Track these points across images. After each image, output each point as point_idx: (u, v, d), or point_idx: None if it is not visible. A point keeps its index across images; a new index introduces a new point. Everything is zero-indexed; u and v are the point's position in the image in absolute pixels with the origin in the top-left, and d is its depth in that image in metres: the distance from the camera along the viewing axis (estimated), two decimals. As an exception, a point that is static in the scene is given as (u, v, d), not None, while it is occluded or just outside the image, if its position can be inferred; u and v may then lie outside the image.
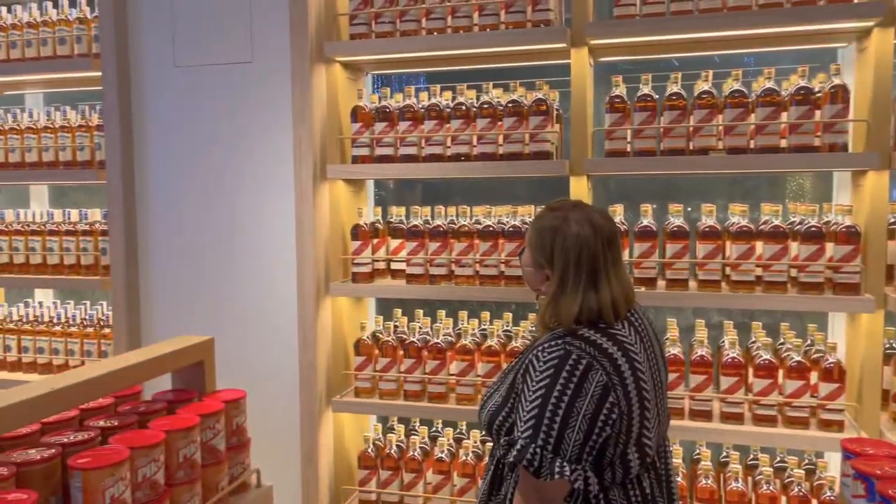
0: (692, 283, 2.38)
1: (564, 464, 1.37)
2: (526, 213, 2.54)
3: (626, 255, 2.38)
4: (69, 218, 3.11)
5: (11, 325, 3.16)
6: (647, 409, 1.46)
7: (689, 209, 2.61)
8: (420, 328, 2.65)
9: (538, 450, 1.38)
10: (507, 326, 2.64)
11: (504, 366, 2.48)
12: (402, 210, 2.70)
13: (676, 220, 2.37)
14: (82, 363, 3.03)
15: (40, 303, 3.29)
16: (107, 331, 3.05)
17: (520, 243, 2.46)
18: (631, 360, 1.45)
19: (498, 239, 2.50)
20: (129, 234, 2.91)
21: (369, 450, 2.67)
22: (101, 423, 1.38)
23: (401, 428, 2.70)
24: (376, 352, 2.65)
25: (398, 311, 2.74)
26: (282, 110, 2.68)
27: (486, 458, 2.51)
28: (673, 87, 2.36)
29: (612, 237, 1.53)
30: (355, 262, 2.67)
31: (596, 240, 1.50)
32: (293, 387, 2.71)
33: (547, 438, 1.38)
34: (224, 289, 2.83)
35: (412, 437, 2.65)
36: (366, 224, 2.69)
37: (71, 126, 3.00)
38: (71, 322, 3.11)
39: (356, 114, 2.62)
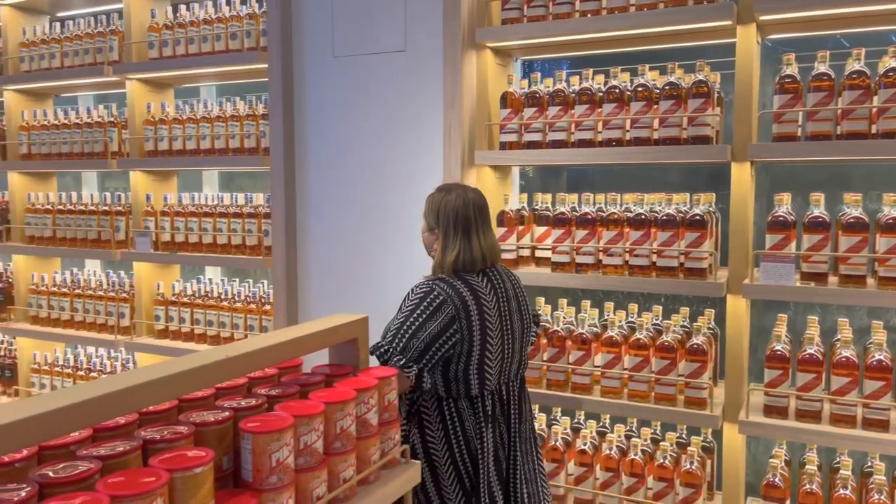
0: (870, 280, 2.16)
1: (403, 360, 1.89)
2: (681, 201, 2.42)
3: (792, 248, 2.21)
4: (236, 201, 3.36)
5: (185, 299, 3.46)
6: (488, 343, 1.94)
7: (868, 200, 2.38)
8: (564, 317, 2.61)
9: (389, 348, 1.93)
10: (657, 319, 2.54)
11: (653, 360, 2.40)
12: (549, 197, 2.67)
13: (853, 211, 2.16)
14: (245, 337, 3.27)
15: (210, 279, 3.58)
16: (267, 307, 3.26)
17: (674, 233, 2.35)
18: (479, 303, 1.95)
19: (650, 228, 2.40)
20: (290, 217, 3.08)
21: (510, 436, 2.67)
22: (267, 391, 1.47)
23: (542, 416, 2.68)
24: (520, 339, 2.64)
25: (541, 300, 2.71)
26: (432, 97, 2.73)
27: (631, 454, 2.43)
28: (854, 65, 2.14)
29: (481, 207, 2.05)
30: (500, 248, 2.66)
31: (468, 208, 2.01)
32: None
33: (398, 343, 1.92)
34: (374, 271, 2.94)
35: (553, 426, 2.62)
36: (511, 211, 2.68)
37: (240, 115, 3.23)
38: (236, 298, 3.35)
39: (506, 99, 2.61)
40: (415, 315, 1.93)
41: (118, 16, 3.53)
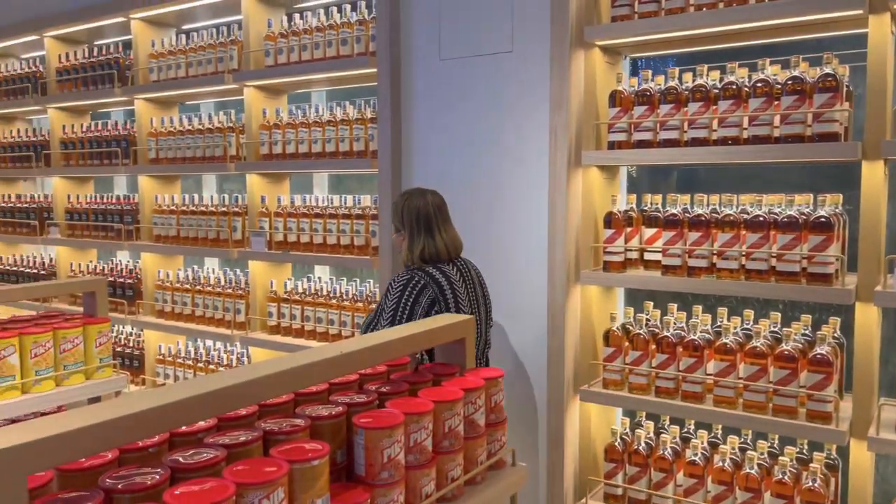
0: None
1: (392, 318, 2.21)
2: (804, 203, 2.28)
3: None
4: (345, 203, 3.45)
5: (297, 297, 3.60)
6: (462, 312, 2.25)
7: None
8: (675, 322, 2.52)
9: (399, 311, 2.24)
10: (775, 327, 2.41)
11: (771, 370, 2.27)
12: (658, 198, 2.58)
13: None
14: (352, 334, 3.36)
15: (319, 278, 3.71)
16: (373, 306, 3.33)
17: (796, 236, 2.22)
18: (452, 287, 2.28)
19: (769, 230, 2.28)
20: (395, 217, 3.14)
21: (616, 443, 2.61)
22: (377, 387, 1.51)
23: (649, 424, 2.60)
24: (626, 344, 2.57)
25: (649, 304, 2.63)
26: (538, 97, 2.71)
27: (746, 467, 2.31)
28: None
29: (439, 206, 2.38)
30: (607, 250, 2.61)
31: (427, 207, 2.34)
32: (540, 371, 2.74)
33: (397, 308, 2.23)
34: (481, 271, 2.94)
35: (662, 435, 2.54)
36: (619, 212, 2.62)
37: (349, 119, 3.32)
38: (344, 296, 3.45)
39: (614, 98, 2.56)
40: (402, 301, 2.26)
41: (237, 26, 3.72)
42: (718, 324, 2.46)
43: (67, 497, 0.96)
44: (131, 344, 4.36)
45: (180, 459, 1.09)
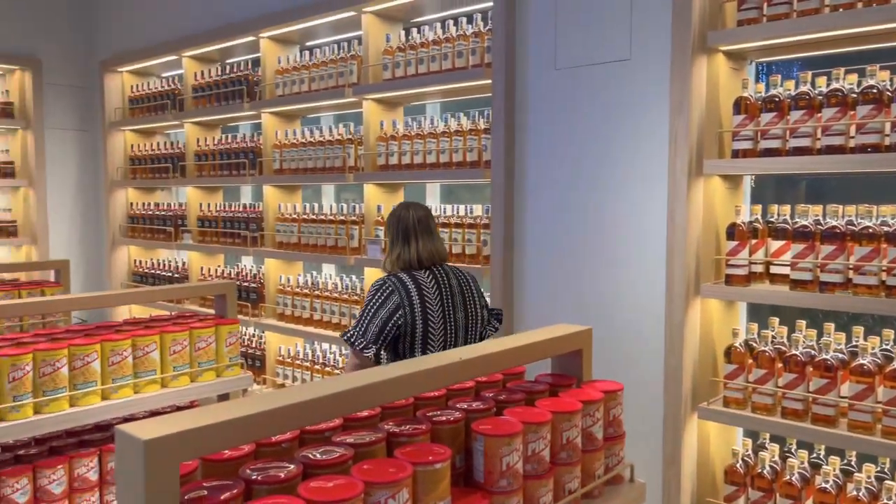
0: None
1: (363, 342, 2.41)
2: (955, 215, 2.10)
3: None
4: (457, 212, 3.50)
5: (409, 303, 3.67)
6: (430, 326, 2.42)
7: None
8: (804, 340, 2.38)
9: (355, 332, 2.45)
10: (920, 349, 2.22)
11: (915, 395, 2.10)
12: (787, 209, 2.45)
13: None
14: (463, 342, 3.40)
15: (431, 285, 3.76)
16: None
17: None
18: (421, 293, 2.43)
19: (914, 244, 2.11)
20: (508, 227, 3.15)
21: (737, 465, 2.49)
22: (494, 395, 1.52)
23: (774, 447, 2.47)
24: (750, 361, 2.46)
25: (775, 320, 2.50)
26: (657, 105, 2.65)
27: (884, 497, 2.15)
28: None
29: (422, 218, 2.55)
30: (730, 263, 2.51)
31: (409, 220, 2.53)
32: (656, 387, 2.66)
33: (361, 329, 2.45)
34: (592, 282, 2.91)
35: (789, 459, 2.40)
36: (743, 223, 2.51)
37: (463, 130, 3.37)
38: (455, 304, 3.49)
39: (739, 105, 2.46)
40: (370, 304, 2.46)
41: (357, 42, 3.87)
42: (854, 343, 2.30)
43: (212, 485, 1.03)
44: (254, 345, 4.60)
45: (311, 456, 1.15)
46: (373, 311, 2.43)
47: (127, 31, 5.60)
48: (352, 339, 2.45)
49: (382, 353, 2.43)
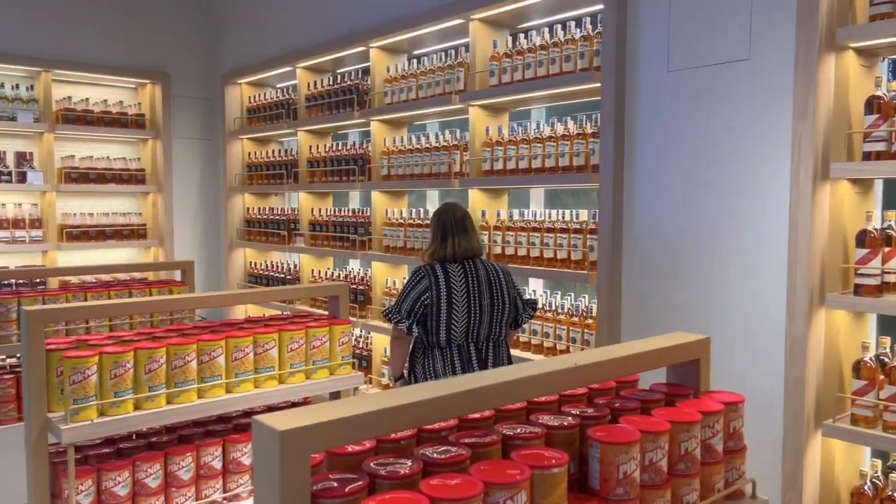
0: None
1: (399, 317, 2.84)
2: None
3: None
4: (563, 217, 3.47)
5: (513, 308, 3.68)
6: (454, 309, 2.80)
7: None
8: (944, 357, 2.21)
9: (392, 309, 2.88)
10: None
11: None
12: (925, 215, 2.28)
13: None
14: (567, 349, 3.36)
15: (534, 291, 3.75)
16: (590, 321, 3.31)
17: None
18: (448, 281, 2.81)
19: None
20: (616, 233, 3.10)
21: (865, 487, 2.34)
22: (608, 402, 1.50)
23: (877, 462, 2.30)
24: (881, 377, 2.30)
25: (910, 334, 2.33)
26: (779, 106, 2.53)
27: None
28: None
29: (458, 220, 2.91)
30: (859, 272, 2.36)
31: (448, 219, 2.91)
32: (774, 400, 2.54)
33: (397, 306, 2.86)
34: (705, 290, 2.81)
35: (892, 475, 2.23)
36: (875, 229, 2.35)
37: (570, 135, 3.34)
38: (560, 311, 3.47)
39: (872, 104, 2.31)
40: (406, 287, 2.88)
41: (465, 49, 3.92)
42: None
43: (338, 477, 1.08)
44: (361, 345, 4.73)
45: (430, 454, 1.18)
46: (407, 291, 2.87)
47: (246, 46, 5.92)
48: (389, 315, 2.90)
49: (414, 327, 2.83)
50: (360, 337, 4.78)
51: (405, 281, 2.92)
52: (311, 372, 2.56)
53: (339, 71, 5.24)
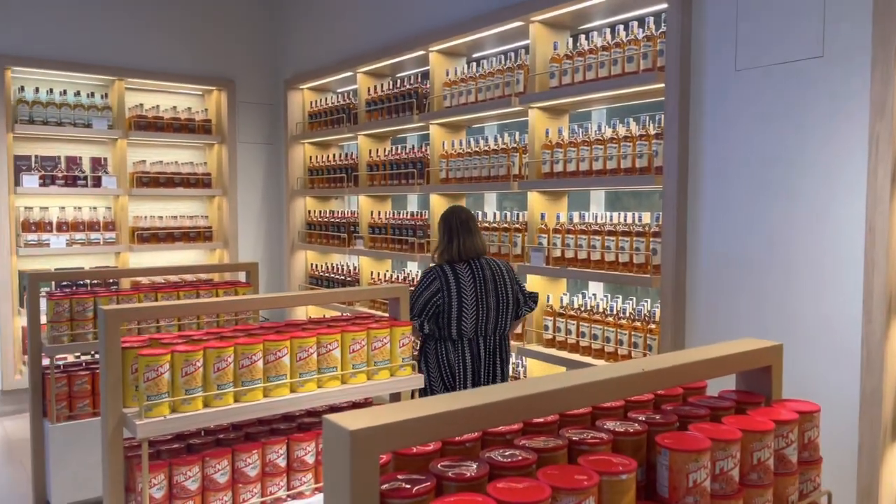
0: None
1: (412, 315, 3.01)
2: None
3: None
4: (624, 220, 3.42)
5: (572, 312, 3.64)
6: (463, 305, 3.03)
7: None
8: None
9: (410, 309, 2.96)
10: None
11: None
12: None
13: None
14: (629, 354, 3.31)
15: (594, 294, 3.71)
16: (652, 326, 3.25)
17: None
18: (458, 281, 3.04)
19: None
20: (680, 236, 3.04)
21: (949, 504, 2.22)
22: (676, 409, 1.47)
23: None
24: (967, 388, 2.19)
25: None
26: (854, 105, 2.44)
27: None
28: None
29: (463, 222, 3.13)
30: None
31: (454, 221, 3.14)
32: (848, 411, 2.44)
33: (411, 304, 3.00)
34: (775, 295, 2.72)
35: None
36: (959, 233, 2.24)
37: (632, 136, 3.29)
38: (621, 315, 3.41)
39: (956, 101, 2.20)
40: (419, 287, 3.09)
41: (524, 51, 3.90)
42: None
43: (406, 477, 1.09)
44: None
45: (495, 457, 1.18)
46: (419, 292, 3.08)
47: (308, 52, 6.04)
48: (410, 315, 3.15)
49: (426, 324, 3.08)
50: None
51: (418, 282, 3.11)
52: (373, 373, 2.59)
53: (398, 75, 5.30)
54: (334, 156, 5.86)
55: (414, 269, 5.13)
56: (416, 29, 4.69)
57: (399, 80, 4.97)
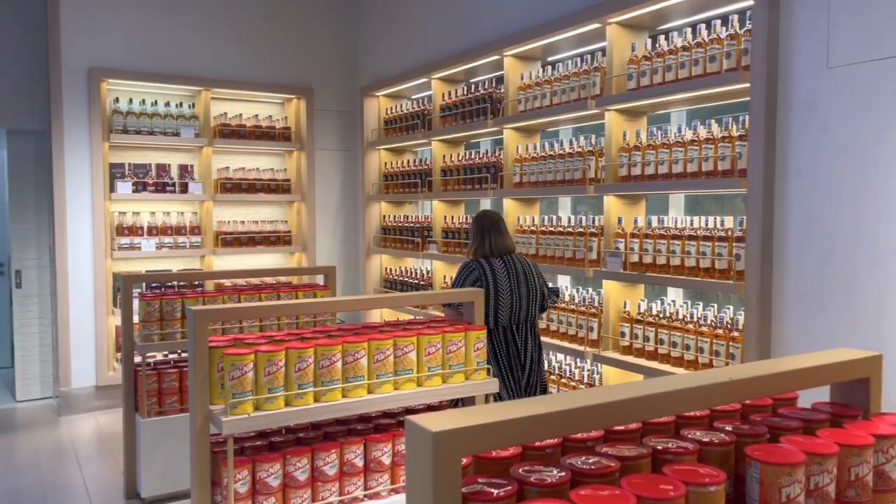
0: None
1: (456, 304, 3.17)
2: None
3: None
4: (706, 224, 3.32)
5: (650, 319, 3.56)
6: (500, 297, 3.22)
7: None
8: None
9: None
10: None
11: None
12: None
13: None
14: (710, 362, 3.21)
15: (673, 301, 3.62)
16: (735, 334, 3.14)
17: None
18: (494, 273, 3.25)
19: None
20: (766, 241, 2.92)
21: None
22: (766, 420, 1.41)
23: None
24: None
25: None
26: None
27: None
28: None
29: (493, 223, 3.39)
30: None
31: (486, 221, 3.40)
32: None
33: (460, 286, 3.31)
34: (870, 303, 2.59)
35: None
36: None
37: (714, 138, 3.19)
38: (702, 322, 3.31)
39: None
40: (461, 277, 3.30)
41: (601, 53, 3.85)
42: None
43: (487, 481, 1.09)
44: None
45: (577, 464, 1.16)
46: (462, 280, 3.30)
47: (383, 60, 6.15)
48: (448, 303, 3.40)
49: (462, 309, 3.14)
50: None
51: (457, 273, 3.34)
52: (448, 376, 2.60)
53: (472, 80, 5.32)
54: (409, 161, 5.93)
55: (487, 273, 5.12)
56: (490, 34, 4.70)
57: (473, 86, 4.99)
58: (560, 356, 4.29)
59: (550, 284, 3.56)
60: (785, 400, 1.57)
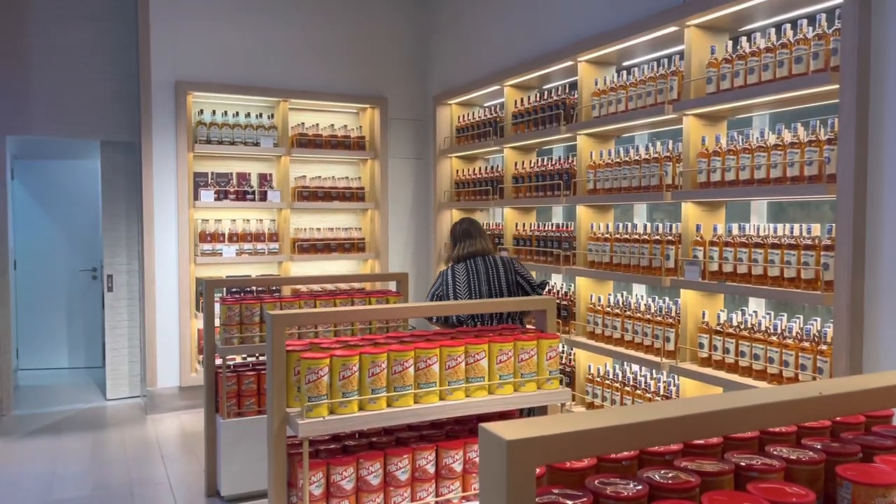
0: None
1: (427, 300, 3.83)
2: None
3: None
4: (791, 232, 3.18)
5: (731, 330, 3.43)
6: (458, 294, 3.70)
7: None
8: None
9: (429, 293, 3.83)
10: None
11: None
12: None
13: None
14: (795, 376, 3.07)
15: (755, 312, 3.48)
16: (823, 347, 2.99)
17: None
18: (454, 276, 3.73)
19: None
20: (857, 249, 2.78)
21: None
22: (858, 438, 1.34)
23: None
24: None
25: None
26: None
27: None
28: None
29: (466, 229, 3.87)
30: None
31: (457, 230, 3.91)
32: None
33: (429, 292, 3.85)
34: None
35: None
36: None
37: (800, 142, 3.06)
38: (786, 334, 3.17)
39: None
40: (431, 286, 3.80)
41: (679, 57, 3.76)
42: None
43: (561, 492, 1.07)
44: (564, 361, 4.69)
45: (655, 477, 1.13)
46: (431, 290, 3.80)
47: (455, 68, 6.19)
48: (427, 297, 3.89)
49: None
50: (563, 353, 4.74)
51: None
52: (520, 384, 2.59)
53: (545, 87, 5.28)
54: (480, 169, 5.94)
55: (559, 280, 5.07)
56: (563, 40, 4.66)
57: (546, 92, 4.95)
58: (635, 367, 4.19)
59: (538, 279, 3.98)
60: (879, 417, 1.49)
